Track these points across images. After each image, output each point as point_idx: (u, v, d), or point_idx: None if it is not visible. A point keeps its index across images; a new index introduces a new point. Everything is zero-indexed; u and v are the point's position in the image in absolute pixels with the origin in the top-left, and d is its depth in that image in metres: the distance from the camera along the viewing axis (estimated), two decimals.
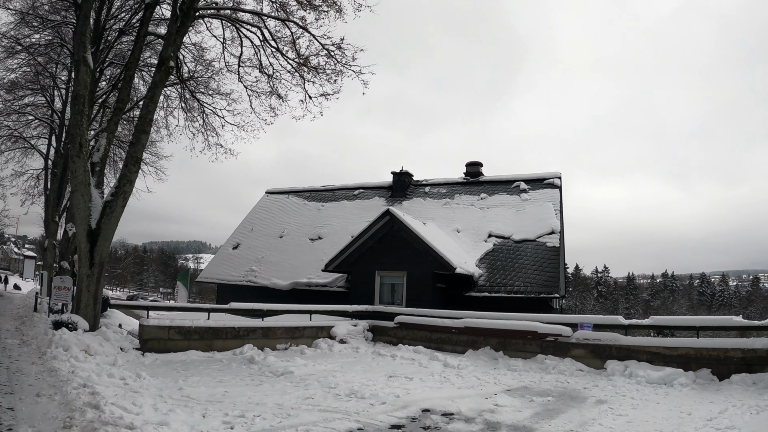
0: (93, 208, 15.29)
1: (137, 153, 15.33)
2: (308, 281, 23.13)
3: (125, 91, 16.71)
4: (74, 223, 15.44)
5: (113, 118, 16.53)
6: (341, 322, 16.32)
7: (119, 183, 15.21)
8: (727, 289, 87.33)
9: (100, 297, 15.46)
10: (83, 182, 15.10)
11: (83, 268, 15.04)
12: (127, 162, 15.24)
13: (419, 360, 13.68)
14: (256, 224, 28.76)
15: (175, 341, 12.81)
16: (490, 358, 13.94)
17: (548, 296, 20.26)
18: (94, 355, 11.43)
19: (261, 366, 12.24)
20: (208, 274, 27.19)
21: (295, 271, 24.18)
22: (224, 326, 13.51)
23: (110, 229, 15.25)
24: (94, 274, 15.07)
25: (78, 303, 14.98)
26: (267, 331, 14.34)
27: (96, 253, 15.13)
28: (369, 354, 14.85)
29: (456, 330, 15.17)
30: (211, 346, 13.35)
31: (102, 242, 15.17)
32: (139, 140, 15.33)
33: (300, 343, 14.99)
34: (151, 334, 12.54)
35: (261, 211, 29.71)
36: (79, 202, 15.10)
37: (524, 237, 22.45)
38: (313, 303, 23.27)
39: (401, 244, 20.35)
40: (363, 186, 28.49)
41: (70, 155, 15.21)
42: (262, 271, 25.14)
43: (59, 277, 17.78)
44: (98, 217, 15.15)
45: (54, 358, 10.26)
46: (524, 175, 25.90)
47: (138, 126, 15.42)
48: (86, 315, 14.67)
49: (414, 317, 16.32)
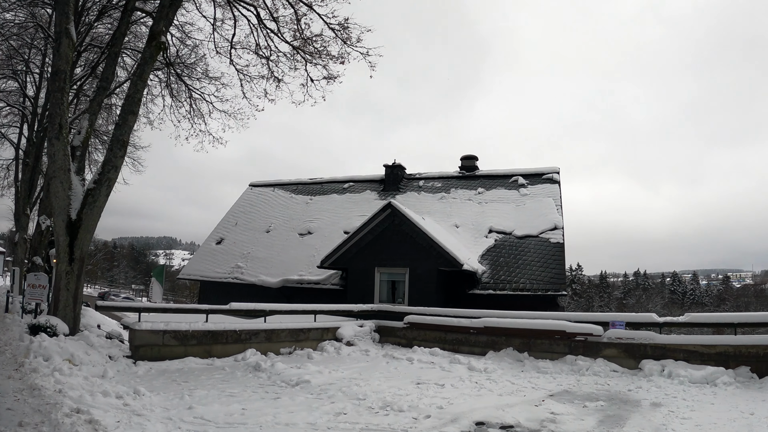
0: (73, 197, 13.45)
1: (123, 136, 13.55)
2: (299, 278, 21.51)
3: (110, 69, 14.88)
4: (52, 213, 13.56)
5: (96, 98, 14.70)
6: (347, 323, 14.84)
7: (103, 169, 13.41)
8: (698, 287, 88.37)
9: (80, 296, 13.66)
10: (62, 167, 13.26)
11: (62, 263, 13.20)
12: (112, 146, 13.44)
13: (439, 363, 12.44)
14: (241, 218, 26.93)
15: (171, 347, 11.13)
16: (515, 359, 12.89)
17: (555, 294, 19.17)
18: (80, 365, 9.71)
19: (270, 374, 10.70)
20: (191, 270, 25.26)
21: (284, 267, 22.52)
22: (225, 329, 11.86)
23: (92, 220, 13.45)
24: (74, 270, 13.26)
25: (56, 303, 13.15)
26: (270, 333, 12.73)
27: (76, 247, 13.31)
28: (381, 357, 13.47)
29: (474, 330, 13.94)
30: (210, 351, 11.70)
31: (83, 235, 13.36)
32: (126, 122, 13.54)
33: (305, 347, 13.45)
34: (143, 340, 10.83)
35: (245, 205, 27.88)
36: (58, 190, 13.25)
37: (526, 233, 21.30)
38: (305, 301, 21.69)
39: (402, 239, 18.95)
40: (353, 179, 26.95)
41: (49, 137, 13.36)
42: (248, 267, 23.38)
43: (34, 274, 15.82)
44: (79, 207, 13.34)
45: (34, 370, 8.53)
46: (521, 169, 24.81)
47: (125, 106, 13.62)
48: (65, 317, 12.88)
49: (426, 317, 14.97)
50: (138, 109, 14.04)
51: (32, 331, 11.43)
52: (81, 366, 9.63)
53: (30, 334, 11.42)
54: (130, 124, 13.71)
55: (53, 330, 11.59)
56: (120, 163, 13.60)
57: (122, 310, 10.71)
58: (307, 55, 16.35)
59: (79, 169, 14.15)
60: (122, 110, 13.66)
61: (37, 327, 11.35)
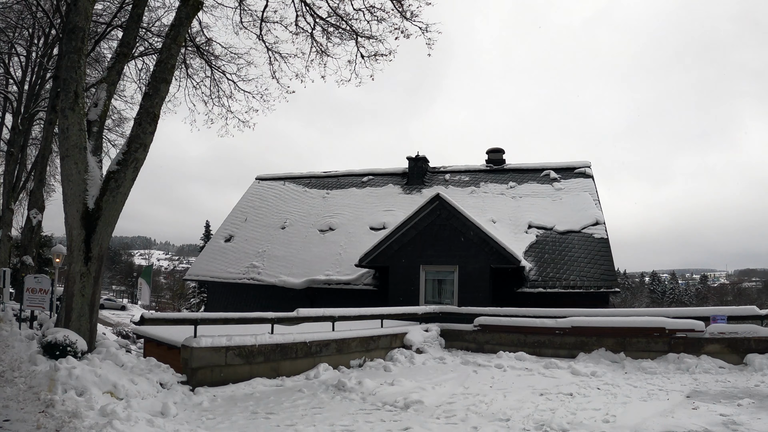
0: (90, 182, 10.48)
1: (154, 108, 10.63)
2: (327, 278, 18.72)
3: (132, 33, 11.93)
4: (64, 201, 10.54)
5: (115, 66, 11.70)
6: (413, 328, 12.38)
7: (128, 147, 10.46)
8: (678, 286, 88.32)
9: (97, 304, 10.72)
10: (78, 145, 10.28)
11: (76, 263, 10.23)
12: (141, 119, 10.49)
13: (536, 369, 10.71)
14: (250, 214, 23.89)
15: (234, 367, 8.33)
16: (611, 361, 11.49)
17: (608, 291, 17.10)
18: (126, 399, 6.80)
19: (362, 395, 8.26)
20: (198, 270, 22.11)
21: (307, 266, 19.69)
22: (294, 342, 9.15)
23: (115, 209, 10.52)
24: (90, 272, 10.31)
25: (68, 312, 10.16)
26: (341, 344, 10.10)
27: (94, 243, 10.36)
28: (462, 366, 11.24)
29: (560, 331, 12.23)
30: (278, 369, 8.97)
31: (103, 228, 10.42)
32: (158, 91, 10.64)
33: (374, 356, 10.93)
34: (203, 360, 7.97)
35: (254, 199, 24.82)
36: (72, 173, 10.26)
37: (568, 228, 19.09)
38: (333, 304, 18.79)
39: (451, 234, 16.44)
40: (372, 172, 24.24)
41: (61, 108, 10.34)
42: (266, 266, 20.43)
43: (34, 277, 12.72)
44: (98, 194, 10.39)
45: (74, 416, 5.68)
46: (552, 163, 22.59)
47: (156, 73, 10.72)
48: (80, 329, 9.94)
49: (502, 318, 12.91)
50: (171, 77, 11.15)
51: (47, 351, 8.44)
52: (128, 400, 6.75)
53: (45, 355, 8.42)
54: (162, 95, 10.80)
55: (74, 348, 8.61)
56: (149, 140, 10.67)
57: (175, 322, 7.84)
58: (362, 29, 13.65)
59: (95, 148, 11.11)
60: (153, 78, 10.74)
61: (53, 345, 8.36)
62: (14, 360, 8.66)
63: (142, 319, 7.30)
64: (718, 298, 62.00)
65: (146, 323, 7.33)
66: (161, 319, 7.50)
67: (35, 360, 8.19)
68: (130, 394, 6.95)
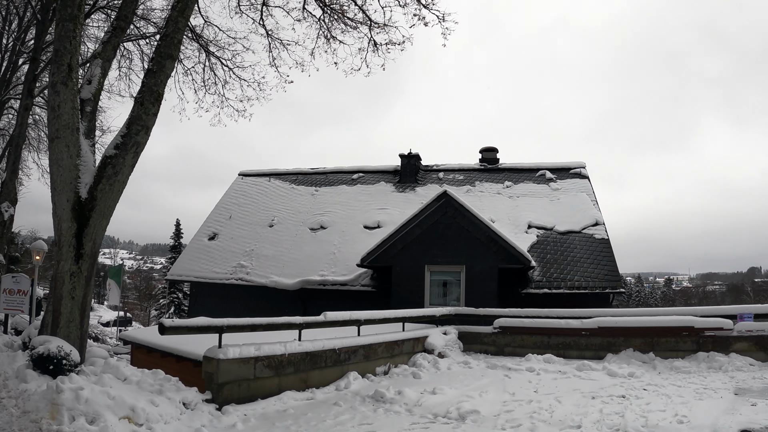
0: (83, 168, 9.03)
1: (158, 86, 9.24)
2: (322, 279, 17.45)
3: (130, 6, 10.40)
4: (53, 189, 9.04)
5: (111, 41, 10.19)
6: (432, 331, 11.45)
7: (128, 129, 9.05)
8: (643, 289, 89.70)
9: (89, 308, 9.26)
10: (70, 125, 8.82)
11: (65, 261, 8.79)
12: (143, 98, 9.10)
13: (570, 372, 10.05)
14: (235, 211, 22.31)
15: (263, 380, 7.07)
16: (641, 361, 11.02)
17: (613, 291, 16.58)
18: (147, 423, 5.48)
19: (407, 406, 7.31)
20: (180, 270, 20.40)
21: (299, 266, 18.36)
22: (323, 349, 7.96)
23: (111, 199, 9.12)
24: (82, 271, 8.90)
25: (55, 317, 8.71)
26: (368, 350, 9.01)
27: (87, 239, 8.94)
28: (487, 370, 10.36)
29: (586, 332, 11.63)
30: (307, 380, 7.76)
31: (97, 220, 9.00)
32: (163, 68, 9.27)
33: (398, 362, 9.92)
34: (230, 374, 6.66)
35: (238, 196, 23.23)
36: (62, 157, 8.80)
37: (568, 228, 18.45)
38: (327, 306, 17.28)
39: (458, 233, 15.45)
40: (362, 170, 23.03)
41: (52, 83, 8.87)
42: (255, 266, 18.98)
43: (11, 276, 11.07)
44: (91, 182, 8.96)
45: None
46: (546, 163, 21.95)
47: (161, 48, 9.36)
48: (69, 336, 8.55)
49: (523, 319, 12.17)
50: (177, 53, 9.86)
51: (39, 365, 6.98)
52: (150, 425, 5.43)
53: (35, 370, 6.96)
54: (168, 72, 9.42)
55: (68, 361, 7.19)
56: (152, 122, 9.27)
57: (199, 330, 6.49)
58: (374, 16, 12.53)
59: (89, 130, 9.60)
60: (157, 53, 9.35)
61: (47, 359, 6.93)
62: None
63: (162, 328, 5.95)
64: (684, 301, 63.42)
65: (168, 332, 5.99)
66: (184, 327, 6.18)
67: (25, 376, 6.72)
68: (151, 418, 5.63)
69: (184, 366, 10.30)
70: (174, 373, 8.65)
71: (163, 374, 7.83)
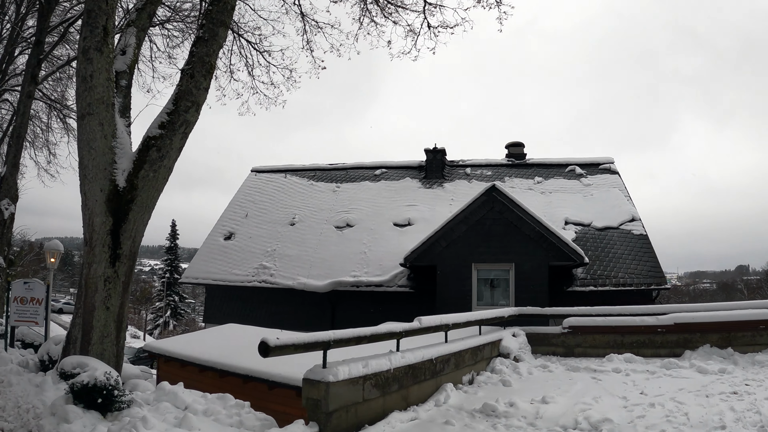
0: (119, 151, 7.30)
1: (210, 57, 7.56)
2: (355, 280, 15.78)
3: None
4: (82, 177, 7.27)
5: (146, 8, 8.47)
6: (504, 334, 10.21)
7: (176, 105, 7.34)
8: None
9: (126, 320, 7.54)
10: (104, 99, 7.09)
11: (98, 264, 7.09)
12: (193, 70, 7.40)
13: (658, 371, 8.98)
14: (251, 209, 20.48)
15: (370, 402, 5.50)
16: (720, 357, 10.01)
17: (658, 287, 15.53)
18: None
19: (527, 419, 6.14)
20: (195, 272, 18.52)
21: (327, 267, 16.68)
22: (422, 360, 6.46)
23: (155, 189, 7.42)
24: (119, 275, 7.21)
25: (86, 331, 7.04)
26: (458, 357, 7.56)
27: (125, 236, 7.22)
28: (571, 373, 9.10)
29: (662, 329, 10.59)
30: (407, 397, 6.24)
31: (137, 214, 7.29)
32: (215, 37, 7.59)
33: (479, 369, 8.62)
34: (340, 400, 5.01)
35: (253, 193, 21.39)
36: (95, 137, 7.07)
37: (606, 224, 17.11)
38: (360, 309, 16.03)
39: (506, 229, 13.94)
40: (385, 165, 21.38)
41: (84, 49, 7.13)
42: (278, 267, 17.22)
43: (23, 282, 9.19)
44: (130, 168, 7.24)
45: None
46: (575, 158, 20.62)
47: (213, 14, 7.73)
48: (103, 354, 6.89)
49: (595, 318, 11.02)
50: (230, 21, 8.14)
51: (81, 398, 5.22)
52: None
53: (77, 404, 5.20)
54: (220, 41, 7.75)
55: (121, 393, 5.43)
56: (203, 98, 7.55)
57: (307, 348, 4.75)
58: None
59: (123, 108, 7.82)
60: (208, 19, 7.67)
61: (93, 390, 5.17)
62: (25, 410, 5.35)
63: (266, 348, 4.25)
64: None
65: (273, 353, 4.29)
66: (290, 346, 4.51)
67: (66, 414, 4.98)
68: None
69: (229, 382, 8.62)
70: (221, 391, 6.98)
71: (233, 399, 6.15)
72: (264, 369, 8.24)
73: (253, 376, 6.80)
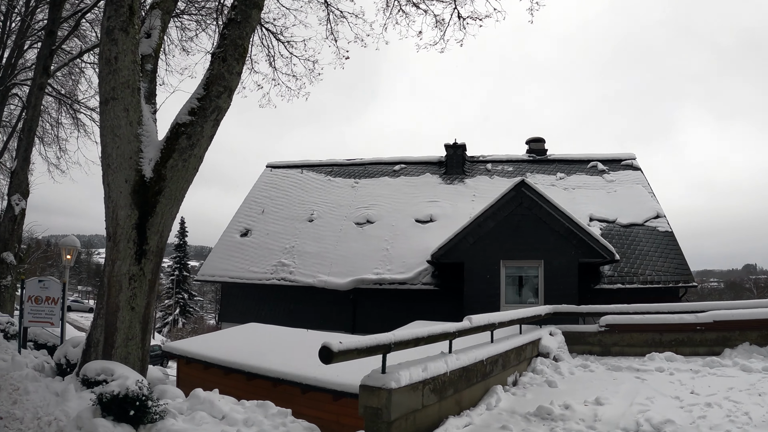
0: (145, 139, 6.68)
1: (243, 39, 6.96)
2: (378, 277, 15.19)
3: None
4: (105, 166, 6.66)
5: None
6: (542, 333, 9.71)
7: (207, 90, 6.72)
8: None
9: (152, 322, 6.89)
10: (129, 83, 6.47)
11: (122, 261, 6.50)
12: (225, 54, 6.80)
13: (701, 370, 8.51)
14: (267, 205, 19.91)
15: (427, 408, 4.94)
16: (761, 354, 9.49)
17: (686, 285, 14.95)
18: None
19: (586, 422, 5.59)
20: (212, 269, 17.95)
21: (348, 264, 16.09)
22: (475, 362, 5.90)
23: (184, 180, 6.81)
24: (145, 273, 6.62)
25: (110, 333, 6.47)
26: (504, 358, 7.03)
27: (152, 231, 6.63)
28: (613, 373, 8.58)
29: (701, 327, 10.03)
30: (460, 401, 5.67)
31: (165, 206, 6.69)
32: (248, 19, 7.00)
33: (521, 369, 8.12)
34: (401, 407, 4.41)
35: (268, 189, 20.81)
36: (120, 123, 6.46)
37: (631, 221, 16.51)
38: (383, 307, 15.46)
39: (535, 225, 13.32)
40: (404, 161, 20.76)
41: (108, 29, 6.53)
42: (298, 265, 16.63)
43: (38, 280, 8.58)
44: (158, 157, 6.62)
45: None
46: (596, 154, 19.96)
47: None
48: (127, 358, 6.34)
49: (633, 316, 10.31)
50: (263, 2, 7.44)
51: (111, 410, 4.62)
52: None
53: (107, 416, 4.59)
54: (253, 24, 7.17)
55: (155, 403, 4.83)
56: (236, 83, 6.94)
57: (370, 352, 4.17)
58: None
59: (149, 94, 7.22)
60: (240, 1, 6.97)
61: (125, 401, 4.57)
62: (46, 422, 4.76)
63: (329, 354, 3.63)
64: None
65: (337, 359, 3.69)
66: (353, 351, 3.91)
67: (94, 428, 4.40)
68: None
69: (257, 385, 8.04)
70: (247, 396, 6.41)
71: (274, 407, 5.55)
72: (295, 372, 7.68)
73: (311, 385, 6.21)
